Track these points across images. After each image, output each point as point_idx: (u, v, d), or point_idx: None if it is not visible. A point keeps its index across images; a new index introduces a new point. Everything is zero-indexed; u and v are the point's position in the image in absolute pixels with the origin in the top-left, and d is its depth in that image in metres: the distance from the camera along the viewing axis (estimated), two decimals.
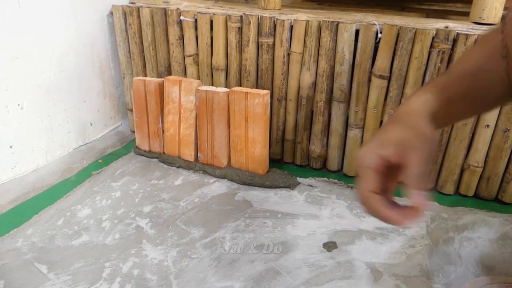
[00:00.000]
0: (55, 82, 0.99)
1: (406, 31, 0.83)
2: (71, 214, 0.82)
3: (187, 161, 1.00)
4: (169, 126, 1.00)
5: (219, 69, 1.03)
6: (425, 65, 0.84)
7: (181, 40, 1.05)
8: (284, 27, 0.92)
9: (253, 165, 0.94)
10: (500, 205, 0.90)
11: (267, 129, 0.92)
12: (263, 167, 0.94)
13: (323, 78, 0.93)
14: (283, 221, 0.81)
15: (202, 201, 0.87)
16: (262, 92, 0.88)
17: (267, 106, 0.90)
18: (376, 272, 0.68)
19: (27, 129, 0.94)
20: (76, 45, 1.03)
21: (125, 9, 1.08)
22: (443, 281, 0.67)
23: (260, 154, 0.93)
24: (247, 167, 0.95)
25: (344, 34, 0.88)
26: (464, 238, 0.78)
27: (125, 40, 1.12)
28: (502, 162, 0.87)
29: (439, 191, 0.94)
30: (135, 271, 0.68)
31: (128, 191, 0.90)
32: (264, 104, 0.88)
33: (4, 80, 0.87)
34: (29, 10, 0.89)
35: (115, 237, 0.76)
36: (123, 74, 1.16)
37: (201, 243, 0.75)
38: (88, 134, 1.13)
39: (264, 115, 0.89)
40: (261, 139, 0.91)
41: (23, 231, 0.77)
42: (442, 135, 0.88)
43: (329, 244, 0.75)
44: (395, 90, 0.88)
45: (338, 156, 1.00)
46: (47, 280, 0.65)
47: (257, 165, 0.94)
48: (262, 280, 0.66)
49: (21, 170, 0.94)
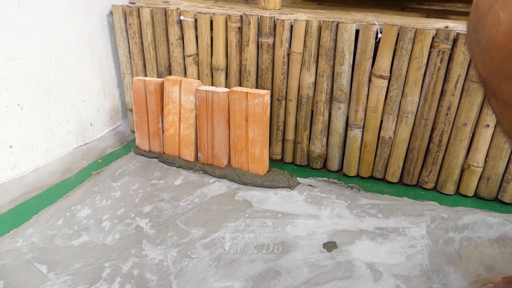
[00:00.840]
0: (55, 82, 0.99)
1: (406, 31, 0.83)
2: (71, 214, 0.82)
3: (187, 161, 1.00)
4: (169, 126, 1.00)
5: (219, 69, 1.03)
6: (425, 65, 0.84)
7: (181, 40, 1.05)
8: (284, 27, 0.92)
9: (253, 165, 0.94)
10: (500, 205, 0.90)
11: (267, 129, 0.92)
12: (263, 167, 0.94)
13: (323, 78, 0.93)
14: (283, 221, 0.81)
15: (202, 201, 0.87)
16: (262, 92, 0.88)
17: (267, 106, 0.90)
18: (376, 272, 0.68)
19: (27, 129, 0.94)
20: (76, 45, 1.03)
21: (125, 9, 1.08)
22: (443, 281, 0.67)
23: (260, 154, 0.93)
24: (247, 167, 0.95)
25: (344, 34, 0.88)
26: (464, 238, 0.78)
27: (125, 40, 1.12)
28: (502, 162, 0.87)
29: (439, 191, 0.94)
30: (135, 271, 0.68)
31: (128, 191, 0.90)
32: (264, 104, 0.88)
33: (4, 80, 0.87)
34: (29, 10, 0.89)
35: (115, 237, 0.76)
36: (123, 74, 1.16)
37: (201, 243, 0.75)
38: (88, 134, 1.13)
39: (264, 115, 0.89)
40: (261, 139, 0.91)
41: (23, 231, 0.77)
42: (442, 135, 0.88)
43: (329, 244, 0.75)
44: (395, 90, 0.88)
45: (338, 156, 1.00)
46: (47, 280, 0.65)
47: (257, 165, 0.94)
48: (262, 280, 0.66)
49: (21, 170, 0.94)
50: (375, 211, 0.85)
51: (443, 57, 0.82)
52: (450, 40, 0.81)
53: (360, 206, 0.87)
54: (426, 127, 0.89)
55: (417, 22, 0.87)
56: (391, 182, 0.97)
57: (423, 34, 0.82)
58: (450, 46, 0.81)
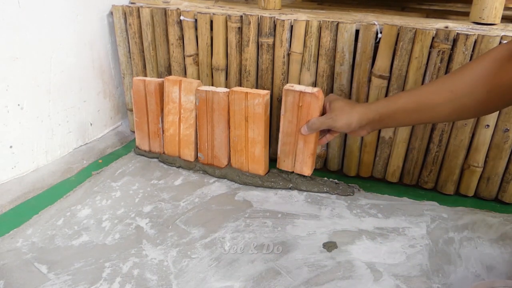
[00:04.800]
0: (55, 82, 0.99)
1: (406, 31, 0.83)
2: (71, 214, 0.82)
3: (187, 161, 1.00)
4: (169, 126, 1.00)
5: (219, 69, 1.03)
6: (425, 65, 0.84)
7: (181, 40, 1.05)
8: (284, 27, 0.92)
9: (253, 165, 0.94)
10: (500, 205, 0.90)
11: (267, 129, 0.92)
12: (263, 167, 0.94)
13: (323, 78, 0.93)
14: (283, 221, 0.81)
15: (202, 201, 0.87)
16: (262, 92, 0.88)
17: (267, 106, 0.90)
18: (376, 272, 0.68)
19: (27, 129, 0.94)
20: (76, 45, 1.03)
21: (125, 9, 1.08)
22: (443, 281, 0.67)
23: (260, 154, 0.93)
24: (247, 167, 0.95)
25: (344, 34, 0.88)
26: (464, 238, 0.78)
27: (125, 40, 1.12)
28: (502, 162, 0.87)
29: (439, 191, 0.94)
30: (135, 271, 0.68)
31: (128, 191, 0.90)
32: (264, 104, 0.88)
33: (4, 80, 0.87)
34: (29, 10, 0.89)
35: (115, 237, 0.76)
36: (123, 74, 1.16)
37: (201, 243, 0.75)
38: (88, 134, 1.13)
39: (264, 115, 0.89)
40: (261, 139, 0.91)
41: (23, 231, 0.77)
42: (442, 135, 0.88)
43: (329, 244, 0.75)
44: (395, 90, 0.88)
45: (338, 156, 1.00)
46: (47, 280, 0.65)
47: (257, 165, 0.94)
48: (262, 280, 0.66)
49: (21, 170, 0.94)
50: (375, 211, 0.85)
51: (443, 57, 0.82)
52: (450, 40, 0.81)
53: (360, 206, 0.87)
54: (426, 127, 0.89)
55: (417, 22, 0.87)
56: (391, 182, 0.97)
57: (423, 34, 0.82)
58: (450, 46, 0.81)
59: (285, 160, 0.92)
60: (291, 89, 0.84)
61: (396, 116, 0.71)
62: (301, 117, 0.85)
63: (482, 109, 0.66)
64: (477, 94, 0.62)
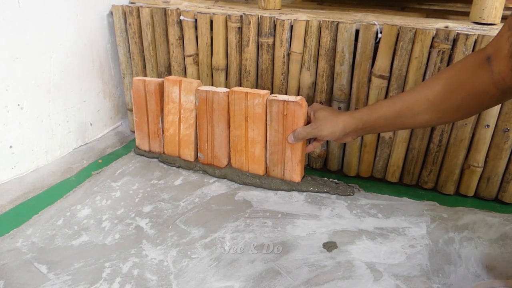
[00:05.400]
0: (55, 82, 0.99)
1: (406, 31, 0.83)
2: (71, 214, 0.82)
3: (187, 161, 1.00)
4: (169, 126, 1.00)
5: (219, 69, 1.03)
6: (425, 65, 0.84)
7: (181, 40, 1.05)
8: (284, 27, 0.92)
9: (253, 165, 0.94)
10: (500, 205, 0.90)
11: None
12: (263, 167, 0.94)
13: (323, 78, 0.93)
14: (283, 221, 0.81)
15: (202, 201, 0.87)
16: (262, 92, 0.88)
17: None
18: (376, 272, 0.68)
19: (27, 129, 0.94)
20: (76, 45, 1.03)
21: (125, 9, 1.08)
22: (443, 281, 0.67)
23: (260, 154, 0.93)
24: (247, 167, 0.95)
25: (344, 34, 0.88)
26: (464, 238, 0.78)
27: (125, 40, 1.12)
28: (502, 162, 0.87)
29: (439, 191, 0.94)
30: (135, 271, 0.68)
31: (128, 191, 0.90)
32: (264, 104, 0.88)
33: (4, 80, 0.87)
34: (29, 10, 0.89)
35: (115, 237, 0.76)
36: (123, 74, 1.16)
37: (201, 243, 0.75)
38: (88, 134, 1.13)
39: (264, 115, 0.89)
40: (261, 139, 0.91)
41: (23, 231, 0.77)
42: (442, 135, 0.88)
43: (329, 244, 0.75)
44: (395, 90, 0.88)
45: (338, 156, 1.00)
46: (47, 280, 0.65)
47: (257, 165, 0.94)
48: (262, 280, 0.66)
49: (21, 170, 0.94)
50: (375, 211, 0.85)
51: (443, 57, 0.82)
52: (450, 40, 0.81)
53: (360, 206, 0.87)
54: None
55: (417, 22, 0.87)
56: (391, 182, 0.97)
57: (423, 34, 0.82)
58: (450, 46, 0.81)
59: (274, 170, 0.92)
60: (275, 99, 0.86)
61: (378, 123, 0.74)
62: (286, 125, 0.86)
63: (460, 115, 0.68)
64: (453, 101, 0.65)
